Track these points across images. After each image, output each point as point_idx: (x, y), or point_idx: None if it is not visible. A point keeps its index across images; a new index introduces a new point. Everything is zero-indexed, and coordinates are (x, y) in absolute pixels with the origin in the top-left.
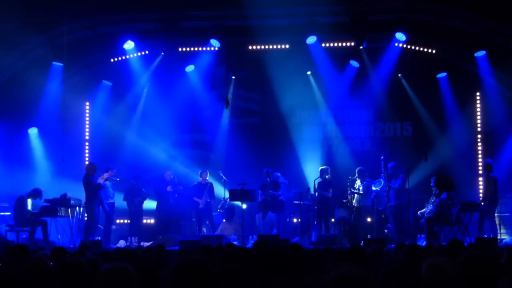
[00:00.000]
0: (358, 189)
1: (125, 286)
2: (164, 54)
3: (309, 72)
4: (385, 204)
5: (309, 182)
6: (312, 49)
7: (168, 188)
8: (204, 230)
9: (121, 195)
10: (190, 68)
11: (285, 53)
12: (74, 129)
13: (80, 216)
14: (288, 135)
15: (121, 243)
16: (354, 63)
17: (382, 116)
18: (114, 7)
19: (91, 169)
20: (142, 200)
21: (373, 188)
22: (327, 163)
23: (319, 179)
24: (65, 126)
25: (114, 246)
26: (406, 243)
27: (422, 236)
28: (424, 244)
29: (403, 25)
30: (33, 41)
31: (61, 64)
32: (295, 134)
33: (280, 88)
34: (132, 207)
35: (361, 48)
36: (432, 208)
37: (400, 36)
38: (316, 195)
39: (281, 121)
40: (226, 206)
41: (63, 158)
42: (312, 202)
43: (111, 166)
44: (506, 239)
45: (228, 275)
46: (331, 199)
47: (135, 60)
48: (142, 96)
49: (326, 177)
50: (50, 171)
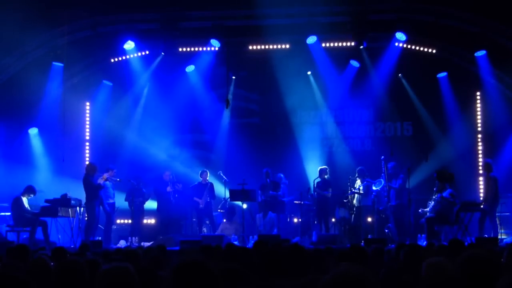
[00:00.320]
0: (359, 189)
1: (126, 286)
2: (164, 54)
3: (309, 72)
4: (386, 204)
5: (310, 182)
6: (312, 49)
7: (168, 189)
8: (205, 230)
9: (123, 195)
10: (191, 68)
11: (286, 53)
12: (75, 129)
13: (81, 216)
14: (289, 135)
15: (122, 243)
16: (354, 63)
17: (383, 116)
18: (114, 7)
19: (91, 169)
20: (143, 201)
21: (374, 188)
22: (328, 163)
23: (318, 179)
24: (66, 126)
25: (115, 246)
26: (407, 243)
27: (423, 236)
28: (425, 244)
29: (403, 25)
30: (34, 41)
31: (62, 64)
32: (296, 134)
33: (281, 88)
34: (133, 208)
35: (361, 48)
36: (434, 205)
37: (400, 36)
38: (315, 195)
39: (282, 121)
40: (227, 206)
41: (64, 158)
42: (312, 202)
43: (112, 166)
44: (507, 239)
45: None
46: (331, 199)
47: (136, 60)
48: (143, 96)
49: (325, 177)
50: (51, 171)
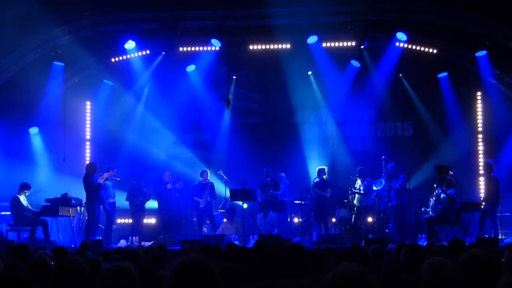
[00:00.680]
0: (359, 189)
1: (126, 286)
2: (165, 54)
3: (310, 72)
4: (386, 204)
5: (311, 182)
6: (313, 49)
7: (168, 186)
8: (205, 230)
9: (124, 195)
10: (191, 68)
11: (286, 53)
12: (75, 129)
13: (81, 216)
14: (289, 135)
15: (122, 243)
16: (355, 63)
17: (383, 116)
18: (115, 7)
19: (91, 169)
20: (144, 200)
21: (374, 188)
22: (328, 163)
23: (317, 179)
24: (66, 126)
25: (115, 246)
26: (407, 243)
27: (423, 236)
28: (425, 244)
29: (404, 25)
30: (35, 41)
31: (62, 64)
32: (296, 134)
33: (281, 88)
34: (133, 207)
35: (362, 48)
36: (435, 203)
37: (401, 36)
38: (314, 195)
39: (282, 121)
40: (227, 206)
41: (64, 158)
42: (311, 202)
43: (112, 166)
44: (507, 239)
45: (229, 275)
46: (330, 199)
47: (136, 60)
48: (143, 96)
49: (324, 177)
50: (51, 171)
